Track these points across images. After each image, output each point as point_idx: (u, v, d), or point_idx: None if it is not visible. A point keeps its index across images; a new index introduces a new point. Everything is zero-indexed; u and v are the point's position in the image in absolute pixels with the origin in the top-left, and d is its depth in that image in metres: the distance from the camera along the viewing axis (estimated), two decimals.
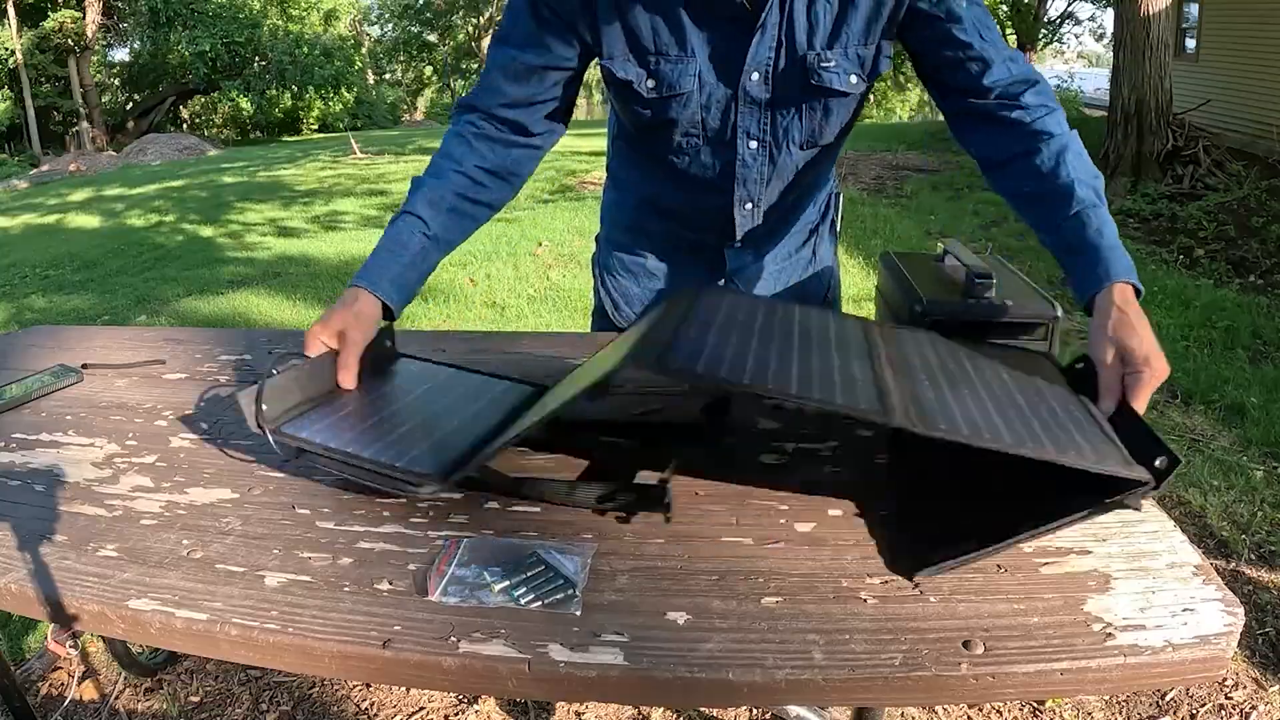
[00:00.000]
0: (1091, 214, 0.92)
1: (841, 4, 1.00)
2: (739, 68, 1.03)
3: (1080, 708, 1.62)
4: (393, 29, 30.41)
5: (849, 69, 1.04)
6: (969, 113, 1.03)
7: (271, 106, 20.95)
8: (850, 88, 1.05)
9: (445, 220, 1.06)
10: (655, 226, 1.28)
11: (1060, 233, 0.94)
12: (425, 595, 0.71)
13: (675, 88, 1.05)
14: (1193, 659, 0.63)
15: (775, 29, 1.01)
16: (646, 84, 1.05)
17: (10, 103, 18.36)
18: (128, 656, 1.62)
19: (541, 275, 4.86)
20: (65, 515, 0.86)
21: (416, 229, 1.04)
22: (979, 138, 1.04)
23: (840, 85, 1.04)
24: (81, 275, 5.61)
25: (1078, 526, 0.74)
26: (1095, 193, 0.94)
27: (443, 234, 1.06)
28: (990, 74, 1.00)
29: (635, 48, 1.03)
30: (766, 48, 1.02)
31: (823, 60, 1.02)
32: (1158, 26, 6.74)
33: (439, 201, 1.06)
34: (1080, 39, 63.61)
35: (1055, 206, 0.94)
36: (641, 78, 1.05)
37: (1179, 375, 3.23)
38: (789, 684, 0.63)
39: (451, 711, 1.64)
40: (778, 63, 1.03)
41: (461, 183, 1.07)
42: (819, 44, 1.02)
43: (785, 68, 1.03)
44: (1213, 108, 7.98)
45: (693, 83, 1.04)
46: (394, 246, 1.04)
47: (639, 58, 1.04)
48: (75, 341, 1.38)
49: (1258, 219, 5.52)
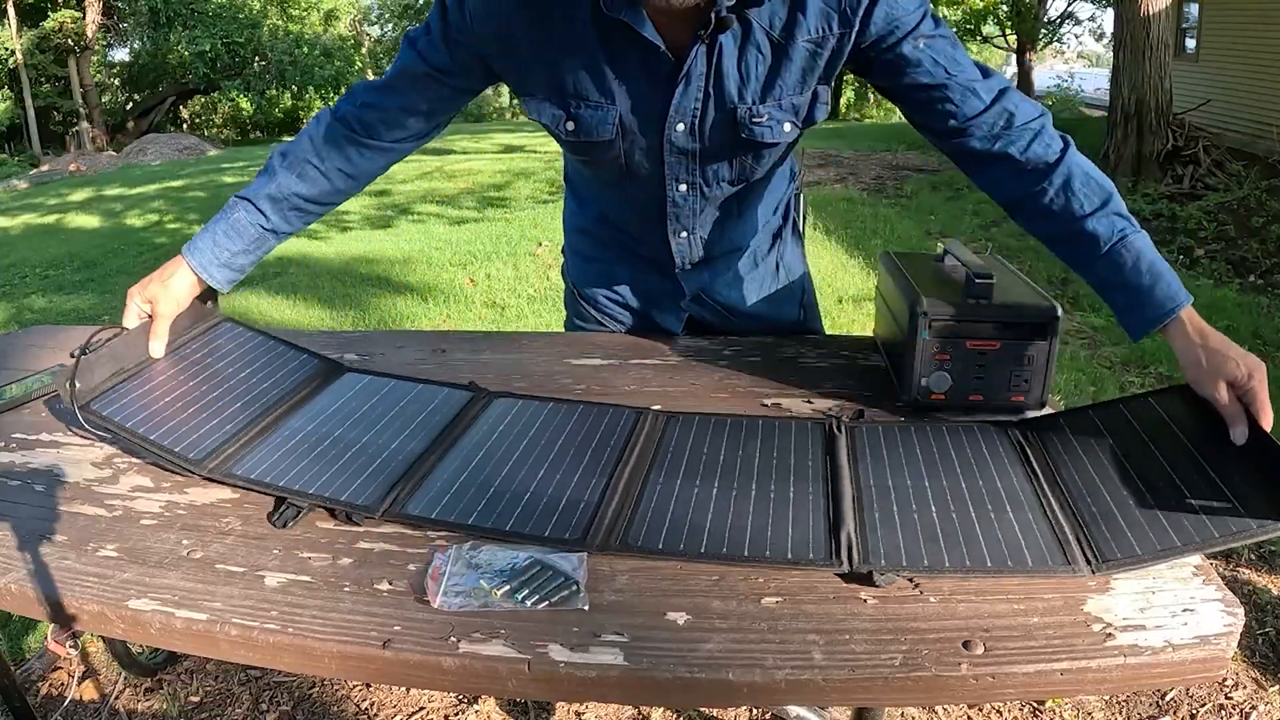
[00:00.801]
0: (1122, 250, 0.91)
1: (775, 55, 0.96)
2: (663, 118, 0.99)
3: (1080, 708, 1.62)
4: (393, 29, 30.40)
5: (782, 118, 1.00)
6: (963, 153, 1.00)
7: (271, 106, 20.94)
8: (784, 137, 1.02)
9: (285, 216, 1.11)
10: (612, 237, 1.26)
11: (1096, 274, 0.94)
12: (426, 602, 0.71)
13: (594, 134, 1.02)
14: (1193, 659, 0.63)
15: (700, 80, 0.96)
16: (566, 125, 1.02)
17: (10, 103, 18.36)
18: (128, 656, 1.62)
19: (541, 275, 4.86)
20: (65, 515, 0.86)
21: (256, 220, 1.10)
22: (984, 180, 1.01)
23: (773, 138, 1.01)
24: (81, 275, 5.60)
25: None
26: (1115, 215, 0.92)
27: (280, 227, 1.11)
28: (966, 108, 0.95)
29: (555, 89, 1.01)
30: (692, 99, 0.98)
31: (754, 115, 0.99)
32: (1158, 26, 6.74)
33: (283, 200, 1.09)
34: (1080, 39, 63.64)
35: (1082, 249, 0.94)
36: (559, 120, 1.02)
37: (1178, 376, 3.23)
38: (789, 684, 0.63)
39: (451, 711, 1.64)
40: (705, 114, 0.99)
41: (315, 182, 1.09)
42: (750, 97, 0.98)
43: (714, 120, 0.99)
44: (1213, 108, 7.98)
45: (611, 130, 1.01)
46: (230, 232, 1.09)
47: (558, 100, 1.01)
48: (75, 341, 1.37)
49: (1258, 219, 5.52)
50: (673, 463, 0.90)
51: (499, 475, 0.88)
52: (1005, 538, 0.75)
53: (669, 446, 0.93)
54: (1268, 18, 7.91)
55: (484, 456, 0.92)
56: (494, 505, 0.83)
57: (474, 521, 0.81)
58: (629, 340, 1.28)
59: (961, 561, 0.73)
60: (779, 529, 0.78)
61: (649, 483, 0.87)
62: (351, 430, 0.98)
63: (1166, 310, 0.89)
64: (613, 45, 0.95)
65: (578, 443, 0.94)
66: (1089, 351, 3.56)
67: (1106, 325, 3.86)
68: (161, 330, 1.06)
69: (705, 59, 0.95)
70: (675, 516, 0.81)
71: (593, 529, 0.79)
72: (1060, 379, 3.16)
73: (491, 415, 1.01)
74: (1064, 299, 4.28)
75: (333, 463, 0.91)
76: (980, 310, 0.96)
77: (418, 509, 0.83)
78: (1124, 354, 3.51)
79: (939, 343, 0.97)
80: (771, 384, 1.11)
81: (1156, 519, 0.74)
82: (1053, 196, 0.95)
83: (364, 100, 1.07)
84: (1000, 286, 0.99)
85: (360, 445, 0.95)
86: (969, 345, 0.97)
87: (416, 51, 1.03)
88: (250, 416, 0.99)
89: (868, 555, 0.74)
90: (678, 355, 1.22)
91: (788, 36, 0.95)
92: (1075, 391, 3.07)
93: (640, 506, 0.83)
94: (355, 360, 1.21)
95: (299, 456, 0.92)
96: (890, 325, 1.11)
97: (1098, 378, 3.22)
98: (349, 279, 4.98)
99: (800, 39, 0.95)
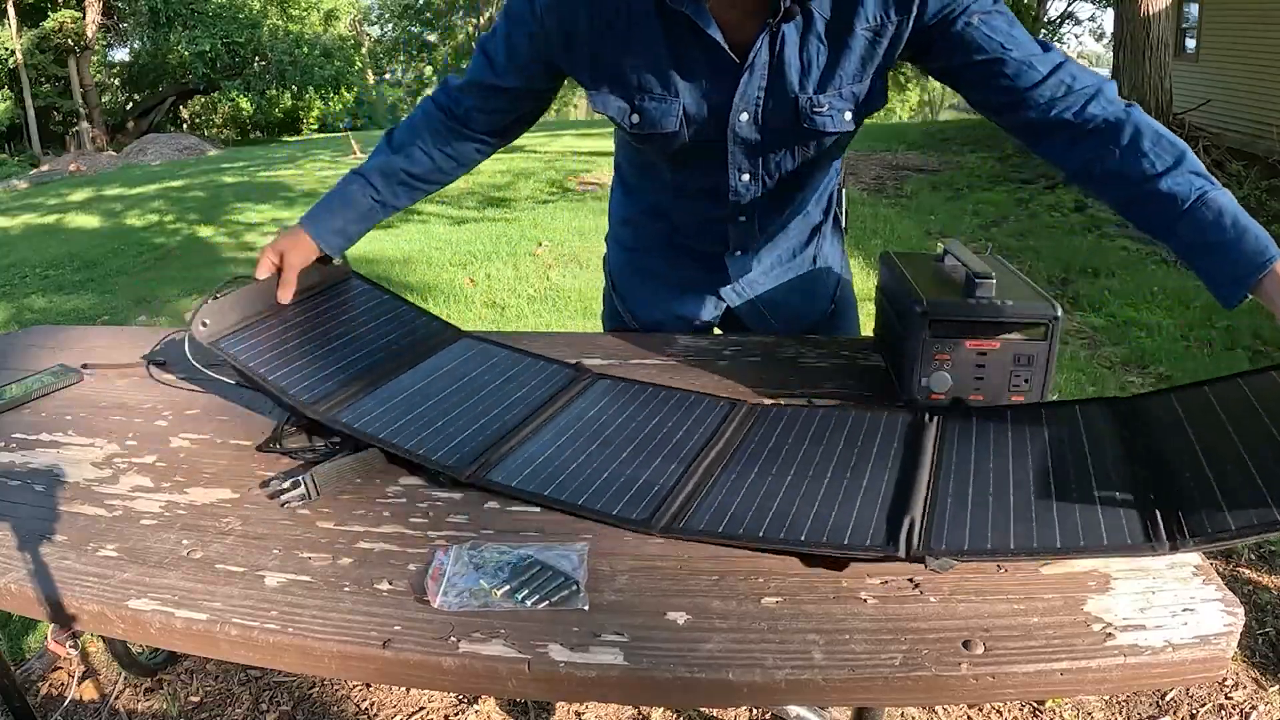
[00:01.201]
0: (1202, 208, 0.86)
1: (834, 44, 0.97)
2: (727, 108, 1.02)
3: (1080, 708, 1.62)
4: (393, 29, 30.39)
5: (842, 107, 1.02)
6: (1022, 126, 0.98)
7: (271, 106, 20.93)
8: (844, 125, 1.04)
9: (395, 190, 1.19)
10: (659, 228, 1.28)
11: (1178, 237, 0.89)
12: (426, 602, 0.71)
13: (659, 126, 1.04)
14: (1193, 659, 0.63)
15: (764, 70, 0.99)
16: (631, 118, 1.05)
17: (10, 103, 18.35)
18: (128, 656, 1.62)
19: (541, 275, 4.86)
20: (65, 515, 0.86)
21: (368, 193, 1.17)
22: (1050, 150, 0.98)
23: (834, 127, 1.03)
24: (81, 275, 5.60)
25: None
26: (1192, 174, 0.88)
27: (390, 200, 1.19)
28: (1023, 80, 0.94)
29: (619, 83, 1.03)
30: (755, 88, 1.00)
31: (815, 105, 1.01)
32: (1158, 26, 6.75)
33: (392, 175, 1.17)
34: (1080, 39, 63.61)
35: (1160, 211, 0.90)
36: (625, 112, 1.05)
37: (1179, 375, 3.23)
38: (789, 684, 0.63)
39: (451, 711, 1.64)
40: (767, 103, 1.01)
41: (420, 162, 1.17)
42: (811, 86, 1.00)
43: (775, 108, 1.01)
44: (1213, 108, 7.98)
45: (675, 123, 1.03)
46: (345, 202, 1.17)
47: (623, 93, 1.04)
48: (75, 341, 1.38)
49: (1258, 219, 5.50)
50: (753, 453, 0.91)
51: (583, 454, 0.91)
52: (1084, 519, 0.73)
53: (754, 437, 0.94)
54: (1268, 18, 7.91)
55: (573, 435, 0.95)
56: (570, 482, 0.86)
57: (549, 494, 0.84)
58: (629, 340, 1.28)
59: (1028, 544, 0.71)
60: (842, 516, 0.78)
61: (726, 471, 0.88)
62: (456, 394, 1.03)
63: (1258, 264, 0.82)
64: (675, 37, 0.98)
65: (666, 429, 0.96)
66: (1089, 351, 3.56)
67: (1106, 325, 3.87)
68: (290, 279, 1.12)
69: (769, 48, 0.97)
70: (741, 503, 0.82)
71: (659, 512, 0.81)
72: (1060, 379, 3.16)
73: (590, 396, 1.05)
74: (1064, 299, 4.28)
75: (432, 422, 0.96)
76: (980, 310, 0.96)
77: (500, 477, 0.87)
78: (1124, 354, 3.51)
79: (939, 343, 0.97)
80: (772, 384, 1.11)
81: (1248, 495, 0.71)
82: (1121, 158, 0.91)
83: (453, 94, 1.14)
84: (1000, 286, 0.99)
85: (461, 409, 0.99)
86: (969, 345, 0.97)
87: (486, 58, 1.09)
88: (363, 368, 1.06)
89: (929, 542, 0.73)
90: (678, 355, 1.22)
91: (847, 25, 0.96)
92: (1075, 391, 3.07)
93: (710, 493, 0.84)
94: None
95: (402, 412, 0.98)
96: (890, 325, 1.11)
97: (1098, 378, 3.22)
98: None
99: (859, 27, 0.96)
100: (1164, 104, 6.96)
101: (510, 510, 0.84)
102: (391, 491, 0.89)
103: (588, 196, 7.45)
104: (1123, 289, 4.34)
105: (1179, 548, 0.69)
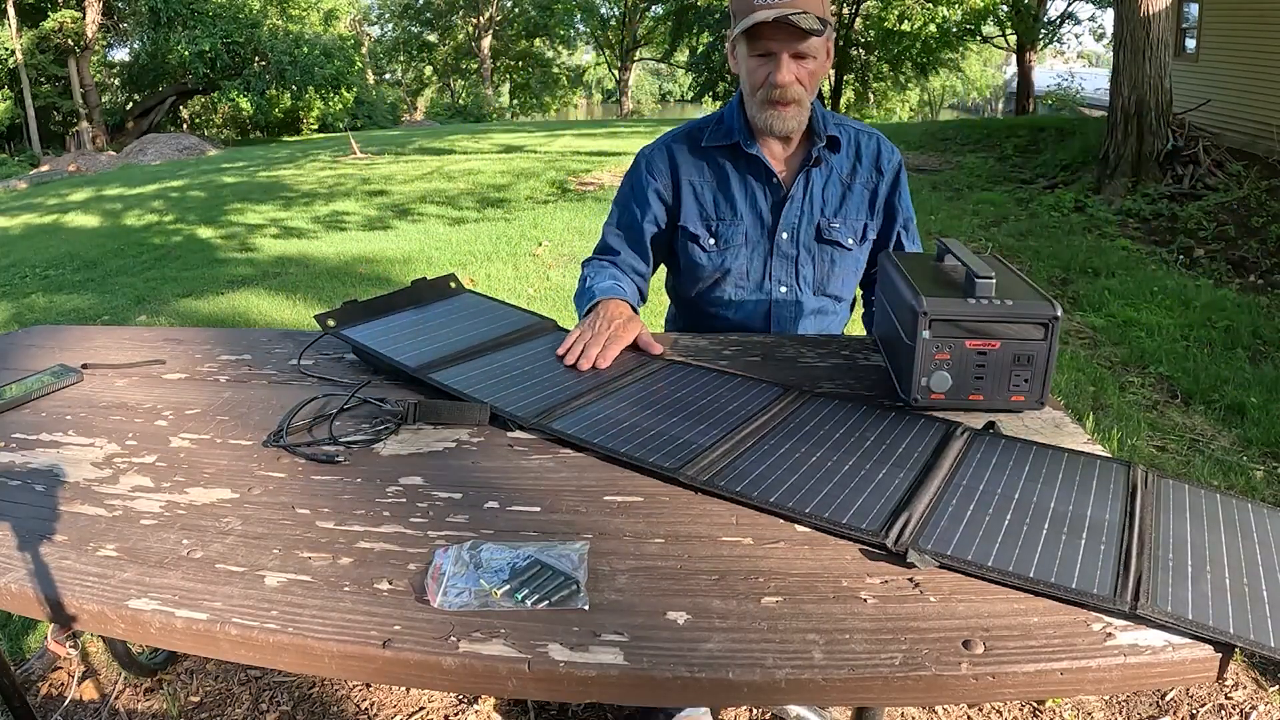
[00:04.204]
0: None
1: (843, 189, 1.43)
2: (773, 228, 1.42)
3: (1080, 708, 1.62)
4: (393, 29, 30.41)
5: (849, 233, 1.44)
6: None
7: (271, 106, 20.92)
8: (851, 245, 1.44)
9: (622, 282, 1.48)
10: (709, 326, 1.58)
11: None
12: (426, 602, 0.71)
13: (729, 242, 1.43)
14: (1193, 659, 0.63)
15: (800, 200, 1.41)
16: (709, 240, 1.44)
17: (10, 103, 18.34)
18: (128, 656, 1.62)
19: (541, 275, 4.86)
20: (65, 515, 0.86)
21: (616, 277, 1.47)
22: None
23: (844, 242, 1.43)
24: (81, 275, 5.60)
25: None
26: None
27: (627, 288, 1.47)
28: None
29: (701, 214, 1.44)
30: (794, 213, 1.42)
31: (832, 224, 1.43)
32: (1158, 26, 6.73)
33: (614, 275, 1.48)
34: (1080, 39, 63.51)
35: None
36: (705, 235, 1.44)
37: (1179, 375, 3.23)
38: (789, 684, 0.63)
39: (451, 711, 1.64)
40: (801, 224, 1.42)
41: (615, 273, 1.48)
42: (829, 213, 1.43)
43: (805, 227, 1.42)
44: (1213, 108, 7.98)
45: (741, 238, 1.43)
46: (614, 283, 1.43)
47: (704, 221, 1.44)
48: (75, 341, 1.38)
49: (1258, 219, 5.52)
50: (792, 430, 0.98)
51: (637, 416, 1.03)
52: (1064, 559, 0.74)
53: (796, 418, 1.01)
54: (1267, 18, 7.91)
55: (632, 402, 1.07)
56: (617, 435, 0.98)
57: (597, 440, 0.96)
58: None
59: (1005, 566, 0.73)
60: (849, 500, 0.83)
61: (761, 442, 0.95)
62: (539, 370, 1.17)
63: None
64: (741, 174, 1.42)
65: (718, 404, 1.06)
66: (1089, 351, 3.56)
67: (1106, 325, 3.87)
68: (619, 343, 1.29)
69: (803, 186, 1.40)
70: (763, 471, 0.89)
71: (689, 465, 0.90)
72: (1060, 379, 3.16)
73: (657, 374, 1.16)
74: (1064, 299, 4.28)
75: (512, 385, 1.12)
76: (980, 310, 0.96)
77: (559, 425, 1.00)
78: (1124, 354, 3.51)
79: (939, 343, 0.97)
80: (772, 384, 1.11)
81: (1227, 599, 0.69)
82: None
83: (601, 253, 1.52)
84: (1000, 286, 0.99)
85: (541, 379, 1.14)
86: (969, 345, 0.97)
87: (619, 208, 1.50)
88: (463, 345, 1.23)
89: (918, 539, 0.76)
90: (678, 355, 1.22)
91: (851, 177, 1.43)
92: (1075, 391, 3.07)
93: (739, 458, 0.91)
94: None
95: (489, 377, 1.14)
96: (890, 325, 1.11)
97: (1098, 378, 3.22)
98: (348, 278, 4.98)
99: (858, 181, 1.42)
100: (1164, 104, 6.95)
101: (510, 510, 0.85)
102: (391, 491, 0.89)
103: (587, 196, 7.45)
104: (1123, 289, 4.35)
105: (1137, 612, 0.67)
